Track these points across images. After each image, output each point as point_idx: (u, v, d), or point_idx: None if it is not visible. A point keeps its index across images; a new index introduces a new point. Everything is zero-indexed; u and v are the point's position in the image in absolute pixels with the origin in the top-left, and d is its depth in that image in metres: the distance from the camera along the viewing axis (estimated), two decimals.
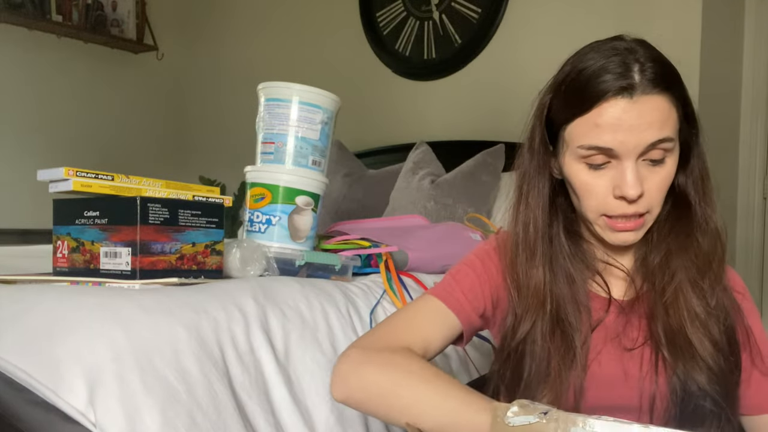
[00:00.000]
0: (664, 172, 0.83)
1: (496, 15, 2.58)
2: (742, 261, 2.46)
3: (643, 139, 0.79)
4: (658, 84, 0.80)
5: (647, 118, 0.79)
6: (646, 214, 0.84)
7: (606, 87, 0.79)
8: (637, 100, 0.79)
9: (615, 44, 0.83)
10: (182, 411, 0.85)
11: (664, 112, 0.80)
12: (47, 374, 0.82)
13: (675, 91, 0.82)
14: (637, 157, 0.80)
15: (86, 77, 3.39)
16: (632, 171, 0.80)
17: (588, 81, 0.81)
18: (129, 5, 3.43)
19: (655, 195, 0.83)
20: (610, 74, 0.79)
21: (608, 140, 0.79)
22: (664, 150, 0.81)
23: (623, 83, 0.79)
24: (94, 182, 1.04)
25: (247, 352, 0.99)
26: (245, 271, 1.19)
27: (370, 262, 1.39)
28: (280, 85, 1.32)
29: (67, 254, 1.08)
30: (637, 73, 0.79)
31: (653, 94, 0.79)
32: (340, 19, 3.07)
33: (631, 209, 0.82)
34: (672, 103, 0.81)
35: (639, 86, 0.79)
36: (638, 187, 0.80)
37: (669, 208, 0.89)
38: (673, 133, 0.81)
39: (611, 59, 0.81)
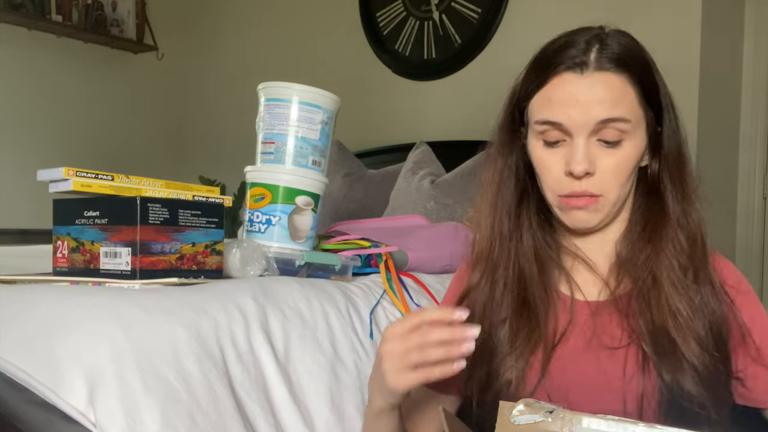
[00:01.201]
0: (621, 155, 0.81)
1: (496, 15, 2.58)
2: (742, 261, 2.46)
3: (592, 115, 0.79)
4: (612, 62, 0.80)
5: (597, 94, 0.79)
6: (600, 196, 0.83)
7: (560, 60, 0.81)
8: (588, 76, 0.79)
9: (591, 28, 0.85)
10: (182, 411, 0.85)
11: (616, 90, 0.79)
12: (47, 374, 0.82)
13: (634, 72, 0.81)
14: (589, 135, 0.80)
15: (86, 77, 3.39)
16: (581, 148, 0.80)
17: (550, 55, 0.83)
18: (129, 5, 3.43)
19: (609, 177, 0.82)
20: (572, 50, 0.81)
21: (558, 115, 0.80)
22: (619, 131, 0.80)
23: (577, 60, 0.80)
24: (94, 182, 1.04)
25: (247, 352, 0.99)
26: (245, 271, 1.19)
27: (370, 262, 1.39)
28: (280, 85, 1.32)
29: (67, 254, 1.08)
30: (594, 52, 0.80)
31: (606, 71, 0.79)
32: (340, 19, 3.07)
33: (580, 187, 0.82)
34: (629, 82, 0.80)
35: (592, 63, 0.79)
36: (584, 163, 0.80)
37: (641, 198, 0.89)
38: (630, 114, 0.80)
39: (577, 37, 0.82)
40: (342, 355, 1.10)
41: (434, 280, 1.41)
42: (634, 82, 0.81)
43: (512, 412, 0.65)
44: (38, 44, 3.19)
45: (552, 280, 0.89)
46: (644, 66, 0.83)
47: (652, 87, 0.84)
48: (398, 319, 0.92)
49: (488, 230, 0.91)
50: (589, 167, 0.80)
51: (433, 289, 1.36)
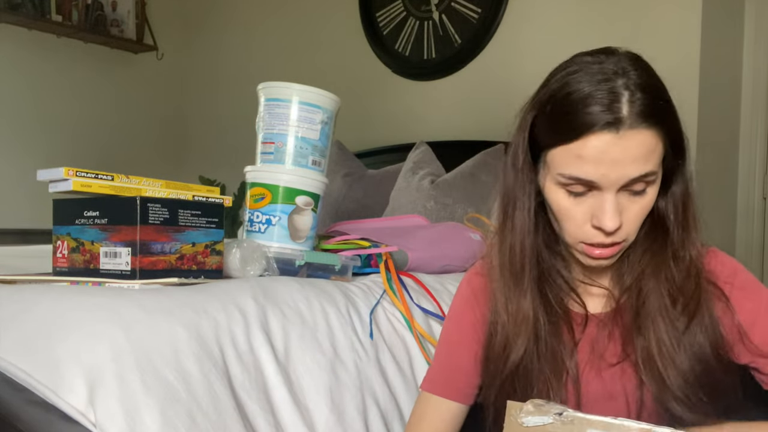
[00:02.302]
0: (644, 202, 0.81)
1: (496, 15, 2.58)
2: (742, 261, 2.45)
3: (625, 173, 0.77)
4: (646, 119, 0.77)
5: (632, 153, 0.76)
6: (623, 242, 0.83)
7: (592, 120, 0.76)
8: (623, 135, 0.76)
9: (604, 66, 0.80)
10: (182, 411, 0.85)
11: (649, 146, 0.77)
12: (47, 374, 0.82)
13: (664, 124, 0.79)
14: (618, 189, 0.79)
15: (86, 77, 3.39)
16: (611, 203, 0.78)
17: (574, 109, 0.78)
18: (129, 5, 3.43)
19: (633, 224, 0.82)
20: (598, 105, 0.76)
21: (590, 172, 0.77)
22: (646, 183, 0.79)
23: (610, 118, 0.76)
24: (93, 182, 1.04)
25: (247, 352, 0.99)
26: (245, 271, 1.19)
27: (370, 262, 1.39)
28: (280, 85, 1.32)
29: (67, 254, 1.08)
30: (625, 105, 0.76)
31: (640, 129, 0.76)
32: (340, 19, 3.07)
33: (608, 239, 0.81)
34: (659, 137, 0.78)
35: (626, 120, 0.76)
36: (617, 220, 0.79)
37: (647, 229, 0.87)
38: (657, 166, 0.79)
39: (600, 86, 0.77)
40: (342, 355, 1.10)
41: (434, 280, 1.41)
42: (665, 134, 0.79)
43: (520, 413, 0.64)
44: (38, 44, 3.19)
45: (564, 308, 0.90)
46: (671, 112, 0.81)
47: (678, 132, 0.82)
48: None
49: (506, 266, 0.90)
50: (620, 222, 0.79)
51: (433, 289, 1.36)
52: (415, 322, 1.24)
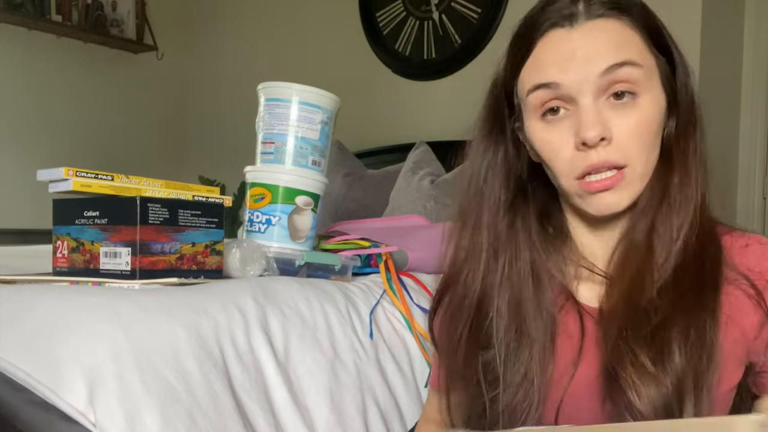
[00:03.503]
0: (639, 113, 0.68)
1: (496, 15, 2.58)
2: None
3: (593, 67, 0.67)
4: (605, 6, 0.69)
5: (595, 42, 0.67)
6: (625, 168, 0.69)
7: (544, 18, 0.70)
8: (579, 27, 0.68)
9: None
10: (182, 411, 0.85)
11: (617, 34, 0.68)
12: (47, 374, 0.82)
13: (633, 14, 0.70)
14: (596, 95, 0.68)
15: (86, 77, 3.39)
16: (588, 109, 0.67)
17: (531, 19, 0.72)
18: (129, 5, 3.43)
19: (630, 142, 0.68)
20: (554, 5, 0.70)
21: (553, 74, 0.68)
22: (630, 82, 0.68)
23: (565, 11, 0.69)
24: (93, 182, 1.04)
25: (246, 352, 0.99)
26: (245, 271, 1.19)
27: (370, 262, 1.39)
28: (280, 85, 1.32)
29: (66, 254, 1.08)
30: (582, 2, 0.69)
31: (601, 18, 0.68)
32: (340, 19, 3.07)
33: (598, 157, 0.68)
34: (629, 25, 0.69)
35: (582, 13, 0.68)
36: (597, 126, 0.66)
37: (653, 179, 0.73)
38: (639, 58, 0.68)
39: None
40: (342, 355, 1.10)
41: (434, 280, 1.41)
42: (637, 24, 0.70)
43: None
44: (38, 44, 3.19)
45: (550, 297, 0.75)
46: (645, 11, 0.72)
47: (658, 29, 0.72)
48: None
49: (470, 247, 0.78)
50: (604, 131, 0.67)
51: (433, 289, 1.36)
52: (415, 322, 1.24)
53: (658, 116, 0.71)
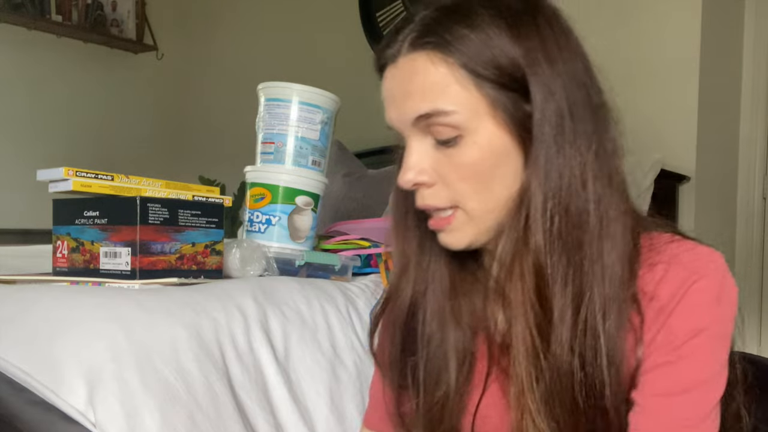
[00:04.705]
0: (464, 156, 0.63)
1: None
2: (743, 261, 2.46)
3: (404, 112, 0.64)
4: (421, 38, 0.62)
5: (406, 84, 0.63)
6: (456, 209, 0.65)
7: (379, 54, 0.67)
8: (398, 63, 0.64)
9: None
10: (182, 411, 0.85)
11: (428, 75, 0.62)
12: (47, 374, 0.82)
13: (457, 49, 0.61)
14: (419, 135, 0.65)
15: (86, 77, 3.40)
16: (410, 151, 0.65)
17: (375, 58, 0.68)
18: (129, 5, 3.43)
19: (458, 185, 0.64)
20: (386, 39, 0.66)
21: (386, 116, 0.68)
22: (448, 126, 0.62)
23: (389, 45, 0.65)
24: (93, 182, 1.04)
25: (246, 352, 0.99)
26: (245, 271, 1.19)
27: (370, 262, 1.39)
28: (280, 85, 1.32)
29: (66, 254, 1.08)
30: (402, 32, 0.64)
31: (412, 54, 0.63)
32: (340, 19, 3.07)
33: (421, 201, 0.66)
34: (449, 63, 0.61)
35: (399, 48, 0.64)
36: (411, 171, 0.64)
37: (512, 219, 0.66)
38: (454, 102, 0.61)
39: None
40: (342, 355, 1.10)
41: None
42: (460, 60, 0.61)
43: None
44: (38, 44, 3.19)
45: (468, 310, 0.72)
46: (476, 37, 0.61)
47: (495, 61, 0.61)
48: None
49: (402, 258, 0.75)
50: (422, 176, 0.64)
51: None
52: None
53: (493, 152, 0.63)
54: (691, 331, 0.62)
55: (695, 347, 0.62)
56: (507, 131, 0.63)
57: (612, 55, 2.57)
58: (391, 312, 0.77)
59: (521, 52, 0.61)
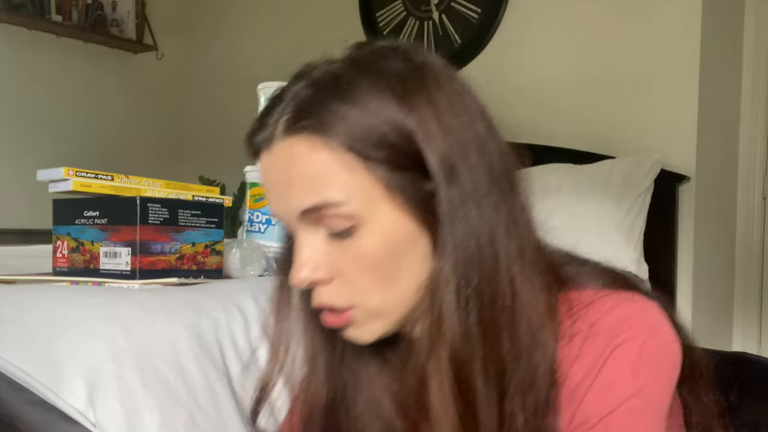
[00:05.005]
0: (361, 248, 0.55)
1: (496, 15, 2.58)
2: (742, 261, 2.46)
3: (288, 204, 0.56)
4: (296, 121, 0.55)
5: (285, 175, 0.55)
6: (350, 309, 0.58)
7: (252, 136, 0.59)
8: (273, 149, 0.56)
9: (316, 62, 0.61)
10: (182, 411, 0.85)
11: (307, 164, 0.54)
12: (47, 374, 0.82)
13: (336, 128, 0.53)
14: (310, 228, 0.56)
15: (86, 77, 3.39)
16: (300, 246, 0.57)
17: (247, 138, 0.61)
18: (129, 5, 3.43)
19: (357, 280, 0.56)
20: (257, 121, 0.60)
21: (270, 207, 0.60)
22: (340, 217, 0.54)
23: (260, 129, 0.58)
24: (93, 182, 1.04)
25: (247, 352, 0.99)
26: (245, 271, 1.19)
27: None
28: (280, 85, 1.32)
29: (66, 254, 1.08)
30: (276, 112, 0.57)
31: (288, 139, 0.55)
32: (340, 19, 3.07)
33: (317, 299, 0.58)
34: (329, 146, 0.53)
35: (273, 132, 0.56)
36: (304, 269, 0.56)
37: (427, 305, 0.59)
38: (343, 190, 0.54)
39: (282, 88, 0.61)
40: None
41: None
42: (334, 139, 0.53)
43: None
44: (38, 44, 3.19)
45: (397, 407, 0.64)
46: (361, 117, 0.53)
47: (383, 138, 0.54)
48: None
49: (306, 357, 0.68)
50: (317, 273, 0.56)
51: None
52: None
53: (395, 241, 0.55)
54: (604, 410, 0.55)
55: (608, 426, 0.54)
56: (408, 215, 0.55)
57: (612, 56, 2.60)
58: (305, 420, 0.68)
59: (413, 125, 0.54)
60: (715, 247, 2.34)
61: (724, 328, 2.45)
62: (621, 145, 2.26)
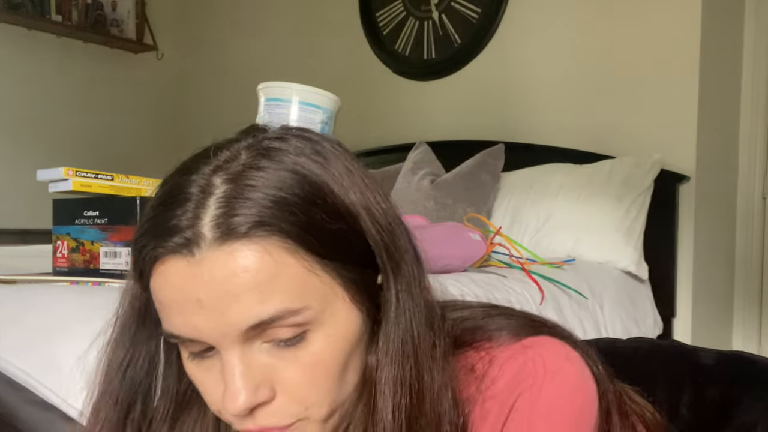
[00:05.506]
0: (314, 356, 0.48)
1: (496, 15, 2.58)
2: (742, 261, 2.46)
3: (230, 322, 0.46)
4: (240, 224, 0.46)
5: (229, 285, 0.45)
6: (296, 422, 0.50)
7: (159, 240, 0.47)
8: (206, 257, 0.46)
9: (215, 150, 0.52)
10: None
11: (257, 271, 0.45)
12: (47, 374, 0.82)
13: (289, 228, 0.46)
14: (247, 344, 0.48)
15: (86, 77, 3.40)
16: (233, 369, 0.47)
17: (141, 235, 0.49)
18: (129, 5, 3.43)
19: (304, 392, 0.49)
20: (174, 213, 0.47)
21: (179, 325, 0.47)
22: (294, 326, 0.47)
23: (182, 229, 0.46)
24: (93, 182, 1.04)
25: None
26: None
27: None
28: (280, 85, 1.32)
29: (66, 254, 1.08)
30: (211, 209, 0.46)
31: (238, 242, 0.45)
32: (340, 19, 3.08)
33: (255, 424, 0.49)
34: (280, 251, 0.46)
35: (206, 235, 0.46)
36: (243, 395, 0.47)
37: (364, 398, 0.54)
38: (299, 299, 0.47)
39: (188, 187, 0.48)
40: None
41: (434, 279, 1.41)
42: (294, 241, 0.47)
43: None
44: (38, 44, 3.19)
45: None
46: (314, 202, 0.48)
47: (339, 234, 0.49)
48: None
49: None
50: (259, 395, 0.48)
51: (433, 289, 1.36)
52: None
53: (348, 339, 0.50)
54: None
55: None
56: (360, 307, 0.51)
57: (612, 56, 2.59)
58: None
59: (354, 214, 0.50)
60: (715, 247, 2.34)
61: (724, 328, 2.45)
62: (621, 145, 2.26)
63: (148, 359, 0.56)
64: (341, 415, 0.53)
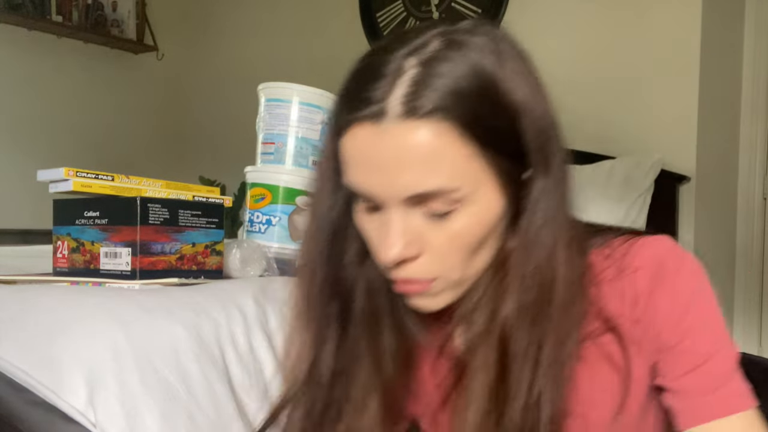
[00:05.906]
0: (457, 228, 0.58)
1: (496, 15, 2.58)
2: (742, 261, 2.46)
3: (398, 187, 0.56)
4: (423, 106, 0.54)
5: (402, 156, 0.54)
6: (434, 280, 0.60)
7: (351, 104, 0.57)
8: (387, 129, 0.54)
9: (419, 34, 0.58)
10: (182, 411, 0.85)
11: (429, 148, 0.54)
12: (47, 374, 0.82)
13: (462, 116, 0.54)
14: (406, 207, 0.57)
15: (86, 77, 3.40)
16: (394, 225, 0.57)
17: (344, 92, 0.59)
18: (129, 5, 3.43)
19: (445, 256, 0.59)
20: (368, 85, 0.56)
21: (359, 181, 0.58)
22: (449, 202, 0.57)
23: (374, 107, 0.55)
24: (94, 182, 1.04)
25: (247, 353, 0.99)
26: (245, 271, 1.19)
27: None
28: (280, 85, 1.32)
29: (67, 254, 1.08)
30: (399, 87, 0.54)
31: (415, 120, 0.54)
32: (341, 20, 3.08)
33: (401, 273, 0.60)
34: (452, 132, 0.54)
35: (391, 109, 0.54)
36: (397, 246, 0.57)
37: (492, 272, 0.63)
38: (457, 179, 0.55)
39: (386, 59, 0.56)
40: None
41: None
42: (463, 128, 0.55)
43: None
44: (38, 44, 3.19)
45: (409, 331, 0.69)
46: (487, 96, 0.56)
47: (494, 121, 0.56)
48: None
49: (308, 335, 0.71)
50: (408, 250, 0.58)
51: None
52: None
53: (490, 220, 0.59)
54: (682, 305, 0.64)
55: (693, 318, 0.64)
56: (502, 198, 0.59)
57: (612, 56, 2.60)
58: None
59: (519, 110, 0.58)
60: (715, 247, 2.34)
61: None
62: (621, 145, 2.26)
63: (346, 201, 0.64)
64: (471, 283, 0.62)
